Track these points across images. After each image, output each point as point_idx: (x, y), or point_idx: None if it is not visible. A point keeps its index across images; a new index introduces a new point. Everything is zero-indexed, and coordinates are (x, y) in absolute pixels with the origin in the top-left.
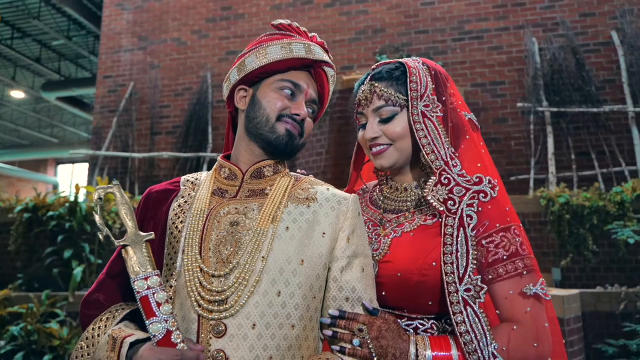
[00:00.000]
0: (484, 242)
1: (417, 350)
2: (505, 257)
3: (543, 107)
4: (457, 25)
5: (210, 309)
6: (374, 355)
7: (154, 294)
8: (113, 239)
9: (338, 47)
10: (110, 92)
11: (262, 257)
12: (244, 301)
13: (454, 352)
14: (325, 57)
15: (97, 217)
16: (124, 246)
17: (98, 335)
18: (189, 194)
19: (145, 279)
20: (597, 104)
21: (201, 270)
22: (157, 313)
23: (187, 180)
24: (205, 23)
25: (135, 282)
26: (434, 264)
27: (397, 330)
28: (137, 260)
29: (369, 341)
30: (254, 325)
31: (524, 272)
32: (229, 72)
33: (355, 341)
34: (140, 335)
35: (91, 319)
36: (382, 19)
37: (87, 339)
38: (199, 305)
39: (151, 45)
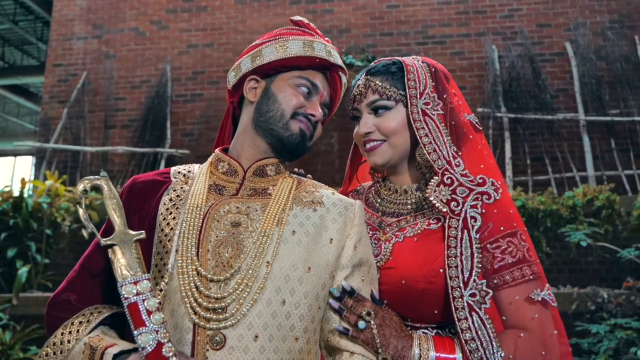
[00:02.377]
0: (489, 247)
1: (420, 350)
2: (511, 263)
3: (502, 113)
4: (421, 30)
5: (208, 318)
6: (377, 341)
7: (144, 300)
8: (99, 237)
9: None
10: (60, 81)
11: (267, 262)
12: (245, 310)
13: (458, 355)
14: (342, 63)
15: (81, 212)
16: (110, 246)
17: (69, 342)
18: (181, 188)
19: (135, 283)
20: (552, 112)
21: (198, 273)
22: (147, 322)
23: (179, 172)
24: (165, 14)
25: (123, 287)
26: (440, 270)
27: (400, 323)
28: (125, 262)
29: (373, 327)
30: (257, 337)
31: (531, 279)
32: (239, 60)
33: (361, 324)
34: (124, 345)
35: (60, 322)
36: (348, 19)
37: (54, 344)
38: (195, 313)
39: (107, 34)
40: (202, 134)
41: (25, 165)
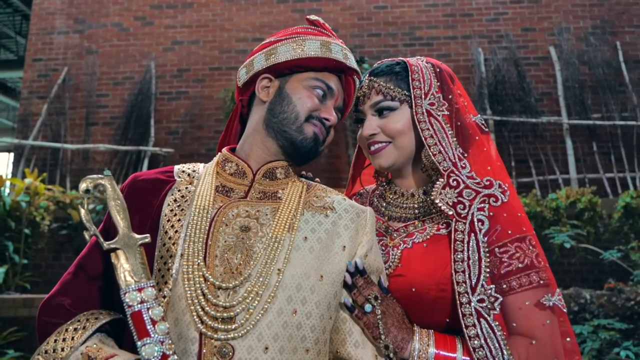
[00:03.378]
0: (497, 251)
1: (420, 345)
2: (519, 269)
3: (487, 116)
4: (409, 31)
5: (216, 327)
6: (380, 326)
7: (148, 309)
8: (102, 240)
9: None
10: (40, 76)
11: (278, 269)
12: (255, 320)
13: (459, 355)
14: (357, 67)
15: (82, 213)
16: (114, 250)
17: (62, 350)
18: (186, 188)
19: (139, 290)
20: (536, 115)
21: (205, 279)
22: (151, 333)
23: (183, 172)
24: (149, 9)
25: (127, 295)
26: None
27: (402, 315)
28: (129, 268)
29: (378, 313)
30: (267, 348)
31: (539, 285)
32: (252, 57)
33: (368, 307)
34: (125, 356)
35: (53, 328)
36: (336, 19)
37: (46, 352)
38: (202, 322)
39: (89, 29)
40: (187, 133)
41: (2, 163)
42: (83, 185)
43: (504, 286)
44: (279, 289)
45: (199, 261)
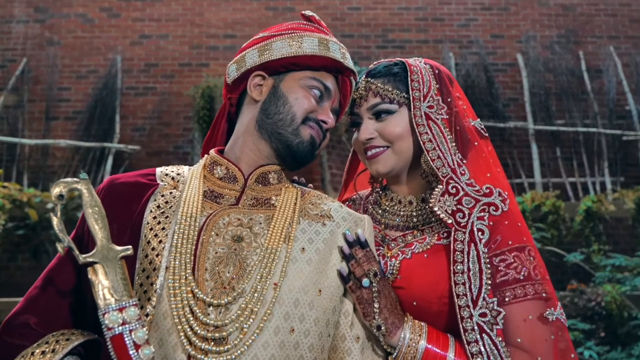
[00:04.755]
0: (495, 260)
1: (411, 335)
2: (515, 279)
3: None
4: (381, 33)
5: (206, 349)
6: (375, 305)
7: (131, 331)
8: (77, 253)
9: None
10: None
11: (275, 283)
12: (250, 340)
13: (451, 354)
14: (354, 67)
15: (55, 222)
16: (91, 264)
17: None
18: (170, 193)
19: (120, 310)
20: (503, 120)
21: (194, 295)
22: (134, 358)
23: (166, 175)
24: (116, 1)
25: (106, 315)
26: None
27: (396, 301)
28: (109, 284)
29: (375, 290)
30: None
31: (535, 299)
32: (243, 52)
33: (366, 281)
34: None
35: (16, 351)
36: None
37: None
38: (190, 343)
39: (51, 18)
40: (154, 130)
41: None
42: (56, 190)
43: (498, 296)
44: (276, 305)
45: (186, 275)
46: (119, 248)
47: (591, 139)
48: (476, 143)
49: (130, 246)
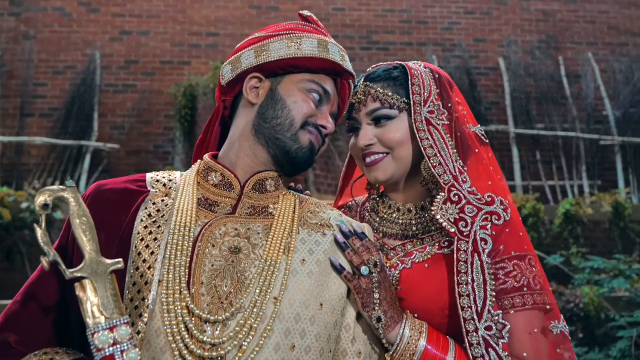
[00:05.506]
0: (494, 267)
1: (411, 332)
2: (513, 288)
3: None
4: (366, 35)
5: None
6: (375, 296)
7: (122, 352)
8: (64, 267)
9: None
10: None
11: (275, 298)
12: (249, 358)
13: (450, 358)
14: (352, 70)
15: (39, 233)
16: (79, 279)
17: None
18: (162, 201)
19: (111, 329)
20: (485, 123)
21: (189, 311)
22: None
23: (157, 181)
24: None
25: (96, 335)
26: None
27: (396, 295)
28: (98, 301)
29: (375, 279)
30: None
31: (533, 308)
32: (238, 53)
33: (364, 269)
34: None
35: None
36: (293, 18)
37: None
38: None
39: (27, 12)
40: (134, 128)
41: None
42: (40, 199)
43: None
44: (276, 320)
45: (181, 289)
46: (108, 261)
47: (570, 143)
48: (477, 150)
49: (120, 259)
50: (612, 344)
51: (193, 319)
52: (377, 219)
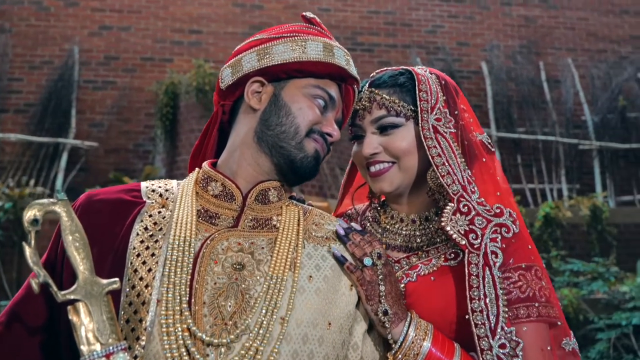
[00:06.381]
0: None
1: (416, 333)
2: (517, 299)
3: None
4: (351, 36)
5: None
6: (381, 287)
7: None
8: (56, 289)
9: (230, 39)
10: None
11: (282, 318)
12: None
13: None
14: (357, 75)
15: (28, 252)
16: (73, 301)
17: None
18: (159, 213)
19: (107, 356)
20: None
21: (191, 334)
22: None
23: (153, 191)
24: None
25: None
26: (467, 317)
27: (402, 293)
28: (93, 326)
29: (380, 271)
30: None
31: (538, 321)
32: (239, 55)
33: (367, 260)
34: None
35: None
36: (278, 17)
37: None
38: None
39: (2, 5)
40: (114, 126)
41: None
42: (29, 214)
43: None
44: (283, 342)
45: (181, 309)
46: (104, 281)
47: (550, 147)
48: (484, 159)
49: (117, 279)
50: (591, 346)
51: (195, 341)
52: (380, 230)
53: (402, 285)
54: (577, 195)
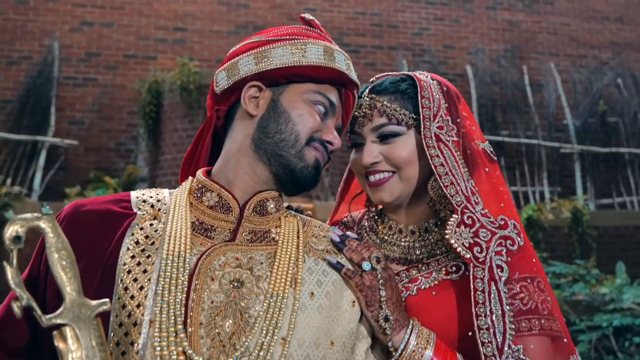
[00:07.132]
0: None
1: (417, 342)
2: (519, 311)
3: None
4: (337, 37)
5: None
6: (382, 293)
7: None
8: (40, 313)
9: (215, 38)
10: None
11: (283, 338)
12: None
13: None
14: (358, 81)
15: (10, 273)
16: (59, 326)
17: None
18: (151, 225)
19: None
20: None
21: (186, 357)
22: None
23: (143, 202)
24: None
25: None
26: (469, 334)
27: (402, 300)
28: (82, 353)
29: (379, 275)
30: None
31: (540, 334)
32: (235, 58)
33: (366, 264)
34: None
35: None
36: (264, 16)
37: None
38: None
39: None
40: (95, 124)
41: None
42: (11, 231)
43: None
44: None
45: (176, 331)
46: (93, 303)
47: (532, 151)
48: (487, 169)
49: (107, 300)
50: None
51: None
52: (377, 241)
53: (402, 299)
54: (558, 198)
